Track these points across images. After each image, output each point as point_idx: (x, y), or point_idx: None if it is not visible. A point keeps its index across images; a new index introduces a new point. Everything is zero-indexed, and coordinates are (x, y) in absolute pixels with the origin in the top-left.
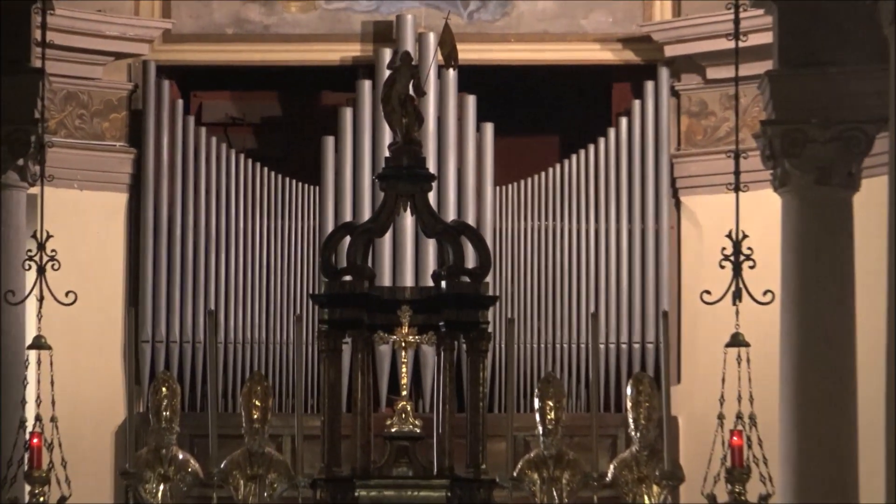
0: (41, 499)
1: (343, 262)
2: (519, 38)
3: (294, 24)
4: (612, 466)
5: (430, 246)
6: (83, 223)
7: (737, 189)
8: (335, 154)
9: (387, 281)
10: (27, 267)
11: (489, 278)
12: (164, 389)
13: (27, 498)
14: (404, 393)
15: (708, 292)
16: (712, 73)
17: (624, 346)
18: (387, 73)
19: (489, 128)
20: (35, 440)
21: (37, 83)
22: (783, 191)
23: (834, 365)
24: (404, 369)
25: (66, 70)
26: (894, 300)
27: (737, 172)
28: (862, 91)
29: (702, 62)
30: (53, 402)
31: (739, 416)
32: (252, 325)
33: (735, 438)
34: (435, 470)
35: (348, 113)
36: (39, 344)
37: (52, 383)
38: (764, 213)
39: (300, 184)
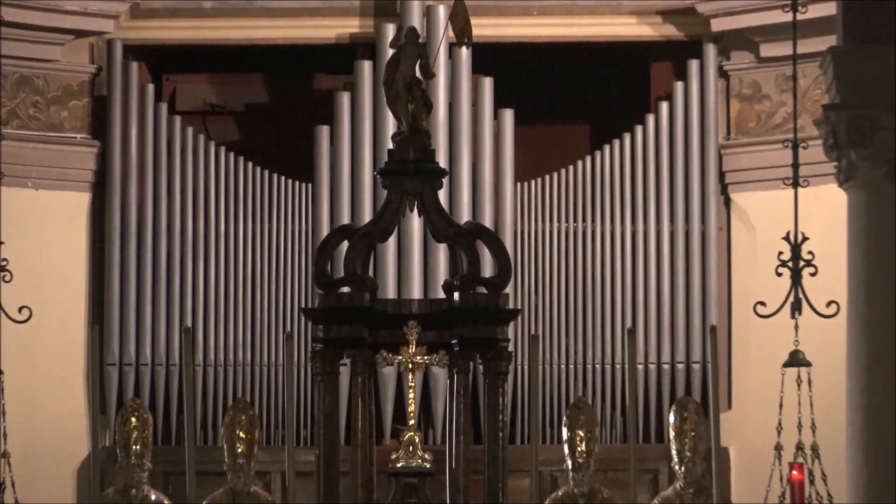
0: None
1: (340, 272)
2: (543, 11)
3: None
4: None
5: (441, 252)
6: (39, 228)
7: (795, 184)
8: (330, 146)
9: (391, 293)
10: None
11: (509, 289)
12: (133, 419)
13: None
14: (412, 422)
15: (762, 304)
16: (766, 49)
17: (666, 367)
18: (390, 52)
19: (508, 115)
20: None
21: None
22: (849, 186)
23: None
24: (412, 395)
25: (19, 50)
26: None
27: (795, 165)
28: None
29: (754, 37)
30: (5, 435)
31: (800, 447)
32: (235, 344)
33: (795, 473)
34: None
35: (345, 99)
36: None
37: (4, 413)
38: (827, 211)
39: (290, 181)
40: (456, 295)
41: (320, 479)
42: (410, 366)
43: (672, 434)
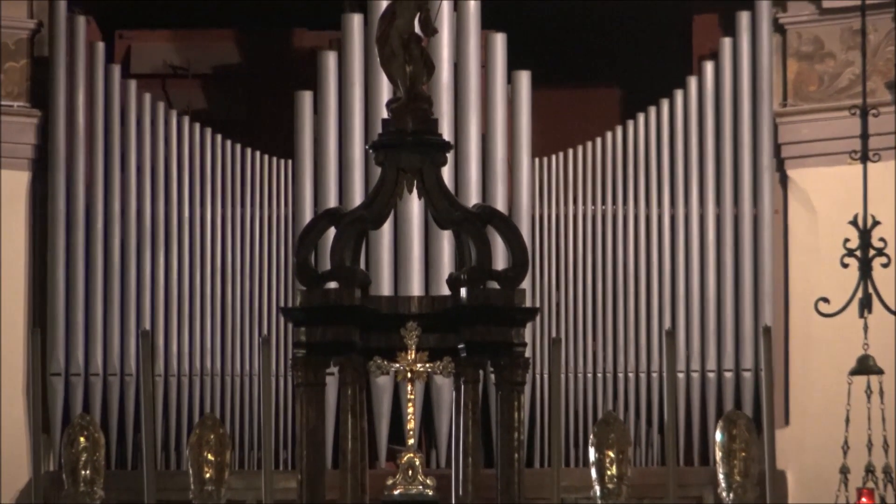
0: None
1: (327, 264)
2: None
3: None
4: None
5: (445, 240)
6: None
7: (864, 159)
8: (314, 116)
9: (386, 289)
10: None
11: (526, 284)
12: (82, 440)
13: None
14: (411, 442)
15: (825, 300)
16: None
17: (711, 376)
18: (384, 3)
19: (524, 78)
20: None
21: None
22: None
23: None
24: (411, 409)
25: None
26: None
27: (864, 136)
28: None
29: None
30: None
31: (870, 470)
32: (202, 350)
33: (864, 500)
34: None
35: (332, 59)
36: None
37: None
38: None
39: (267, 156)
40: (463, 291)
41: None
42: (409, 375)
43: (719, 455)
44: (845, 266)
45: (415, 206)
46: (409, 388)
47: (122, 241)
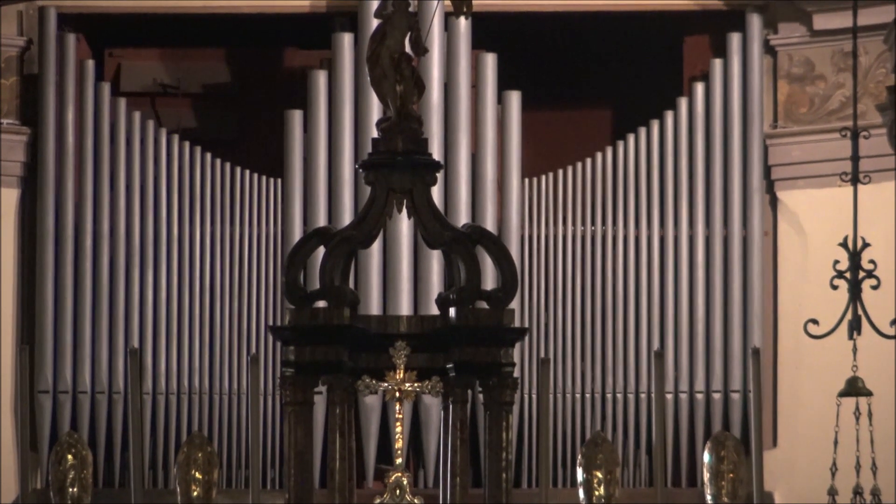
0: None
1: (316, 283)
2: None
3: None
4: None
5: (435, 260)
6: None
7: (855, 181)
8: (304, 135)
9: (375, 308)
10: None
11: (515, 304)
12: (69, 457)
13: None
14: (399, 461)
15: (815, 322)
16: (821, 21)
17: (699, 397)
18: (374, 23)
19: (515, 98)
20: None
21: None
22: None
23: None
24: (399, 429)
25: None
26: None
27: (855, 158)
28: None
29: (807, 7)
30: None
31: (858, 492)
32: (190, 369)
33: None
34: None
35: (322, 78)
36: None
37: None
38: (891, 213)
39: (256, 175)
40: (452, 311)
41: None
42: (398, 394)
43: (707, 476)
44: (835, 288)
45: (404, 225)
46: (398, 407)
47: (111, 258)
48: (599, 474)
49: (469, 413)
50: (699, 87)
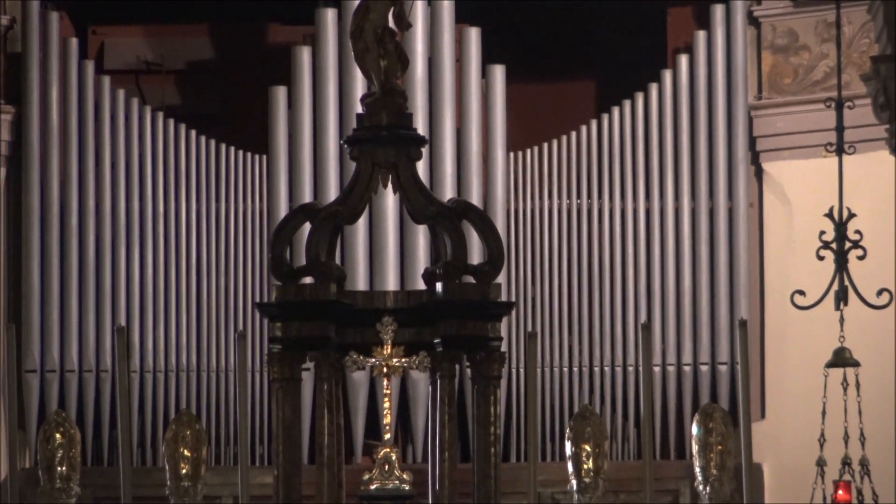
0: None
1: (302, 259)
2: None
3: None
4: None
5: (421, 235)
6: None
7: (839, 151)
8: (288, 111)
9: (361, 284)
10: None
11: (501, 278)
12: (58, 436)
13: None
14: (387, 437)
15: (801, 293)
16: None
17: (687, 369)
18: None
19: (499, 72)
20: None
21: None
22: None
23: None
24: (387, 404)
25: None
26: None
27: (839, 128)
28: None
29: None
30: None
31: (846, 462)
32: (178, 346)
33: (840, 492)
34: None
35: (305, 54)
36: None
37: None
38: (877, 183)
39: (241, 152)
40: (438, 286)
41: (279, 503)
42: (385, 370)
43: (695, 448)
44: (821, 259)
45: (390, 200)
46: (385, 382)
47: (97, 236)
48: (588, 447)
49: (457, 388)
50: (683, 59)
